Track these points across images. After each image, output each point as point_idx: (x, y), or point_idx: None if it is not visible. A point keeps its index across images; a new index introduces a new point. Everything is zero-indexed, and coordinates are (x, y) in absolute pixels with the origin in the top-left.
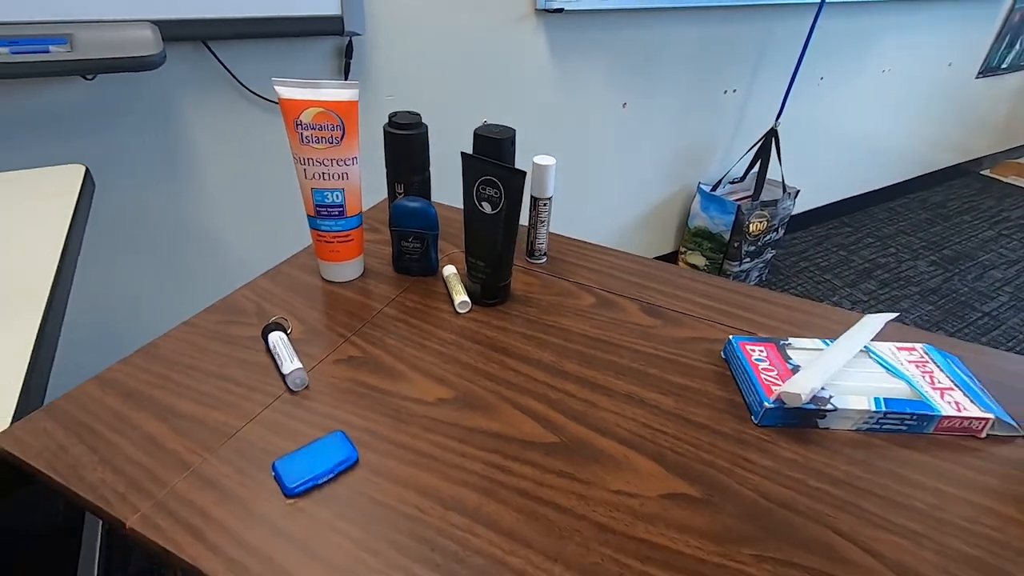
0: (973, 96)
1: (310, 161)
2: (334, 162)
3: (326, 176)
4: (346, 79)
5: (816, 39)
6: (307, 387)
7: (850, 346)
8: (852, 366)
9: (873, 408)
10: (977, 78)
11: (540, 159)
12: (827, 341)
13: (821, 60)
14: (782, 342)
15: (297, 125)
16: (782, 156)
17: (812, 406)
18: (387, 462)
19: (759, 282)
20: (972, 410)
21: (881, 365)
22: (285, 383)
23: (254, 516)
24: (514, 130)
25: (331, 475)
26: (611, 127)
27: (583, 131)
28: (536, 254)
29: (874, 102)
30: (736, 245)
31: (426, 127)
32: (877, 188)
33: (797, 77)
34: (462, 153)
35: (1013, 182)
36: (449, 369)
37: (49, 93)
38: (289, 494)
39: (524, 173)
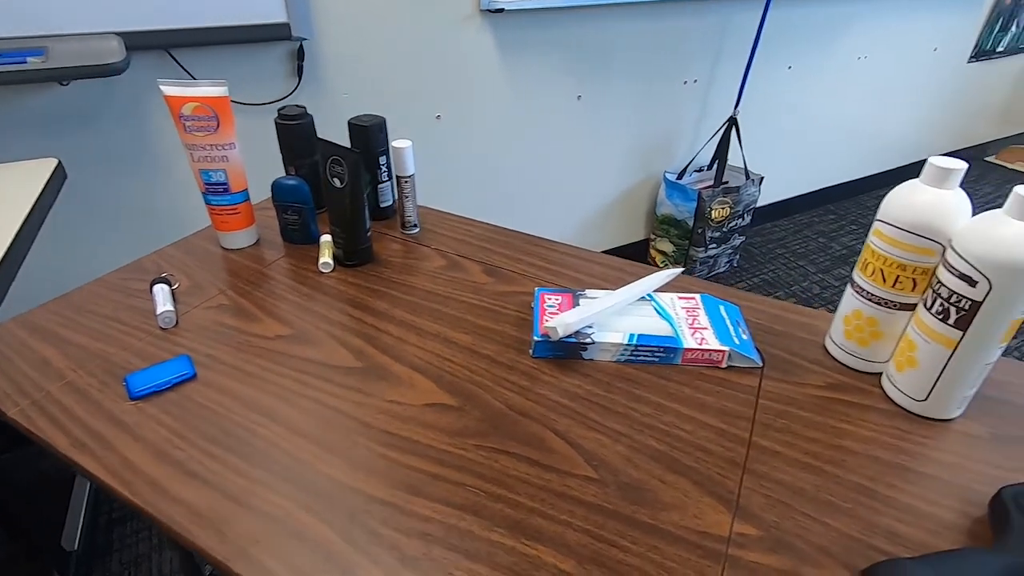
0: (967, 81)
1: (195, 147)
2: (214, 147)
3: (209, 159)
4: (300, 80)
5: (781, 28)
6: (175, 325)
7: (628, 294)
8: (630, 310)
9: (627, 342)
10: (970, 62)
11: (397, 143)
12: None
13: (787, 48)
14: (578, 292)
15: (181, 117)
16: (743, 143)
17: (573, 339)
18: (218, 378)
19: (729, 268)
20: (713, 344)
21: (656, 310)
22: (158, 322)
23: (102, 411)
24: (383, 118)
25: (168, 385)
26: (568, 120)
27: (540, 125)
28: (407, 225)
29: (852, 89)
30: (700, 231)
31: (310, 118)
32: (867, 175)
33: (762, 66)
34: (316, 138)
35: (1019, 168)
36: (296, 314)
37: (30, 98)
38: (132, 397)
39: (358, 153)
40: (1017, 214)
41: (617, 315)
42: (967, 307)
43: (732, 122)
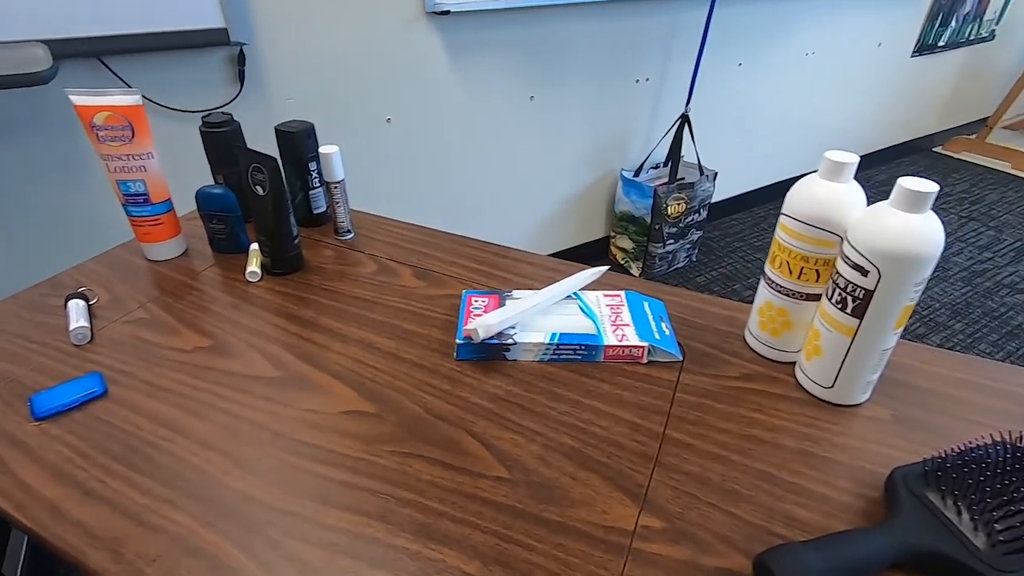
0: (912, 74)
1: (110, 157)
2: (130, 157)
3: (126, 169)
4: (242, 86)
5: (730, 25)
6: (90, 342)
7: (552, 293)
8: (555, 309)
9: (548, 341)
10: (913, 56)
11: (324, 148)
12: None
13: (737, 46)
14: (505, 294)
15: (93, 127)
16: (696, 140)
17: (495, 341)
18: (129, 395)
19: (688, 262)
20: (633, 341)
21: (581, 308)
22: (71, 339)
23: (2, 433)
24: (311, 124)
25: (75, 404)
26: (522, 121)
27: (494, 126)
28: (341, 231)
29: (802, 84)
30: (657, 227)
31: (237, 125)
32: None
33: (713, 63)
34: (233, 145)
35: (964, 158)
36: (218, 325)
37: None
38: (35, 418)
39: (275, 159)
40: (901, 206)
41: (542, 315)
42: (861, 296)
43: (684, 119)
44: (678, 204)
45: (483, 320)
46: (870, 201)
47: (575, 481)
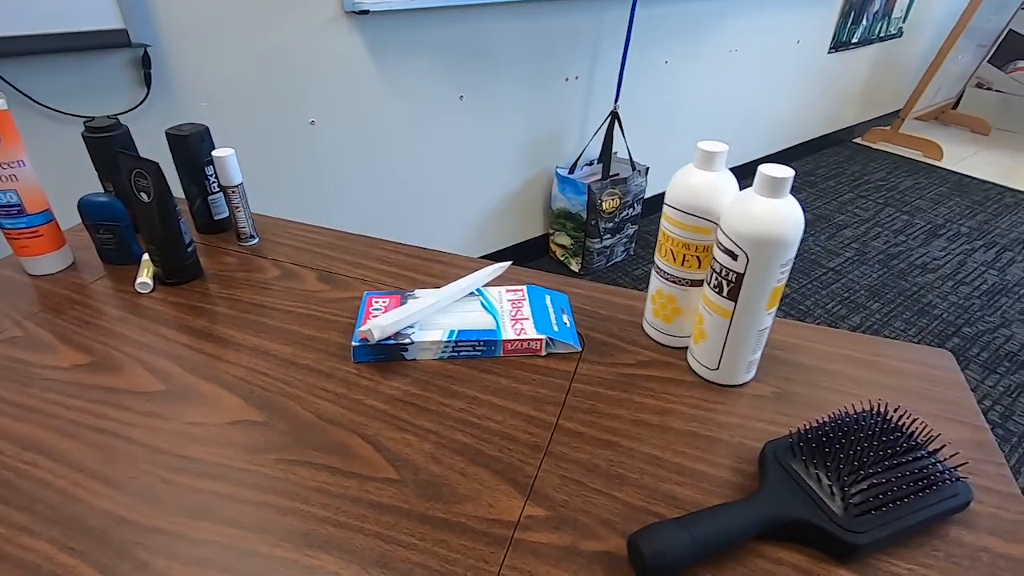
0: (829, 70)
1: None
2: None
3: None
4: (148, 90)
5: (654, 24)
6: None
7: (452, 291)
8: (456, 307)
9: (446, 339)
10: (830, 53)
11: (218, 152)
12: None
13: (662, 44)
14: (407, 293)
15: None
16: (627, 136)
17: (392, 341)
18: None
19: (625, 256)
20: (531, 334)
21: (482, 304)
22: None
23: None
24: (205, 127)
25: None
26: (452, 120)
27: (423, 126)
28: (243, 237)
29: (727, 80)
30: (593, 223)
31: (125, 129)
32: (750, 161)
33: (639, 61)
34: (116, 150)
35: (880, 147)
36: (102, 340)
37: None
38: None
39: (156, 164)
40: (763, 192)
41: (444, 314)
42: (734, 279)
43: (614, 116)
44: (612, 199)
45: (377, 321)
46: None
47: (464, 477)
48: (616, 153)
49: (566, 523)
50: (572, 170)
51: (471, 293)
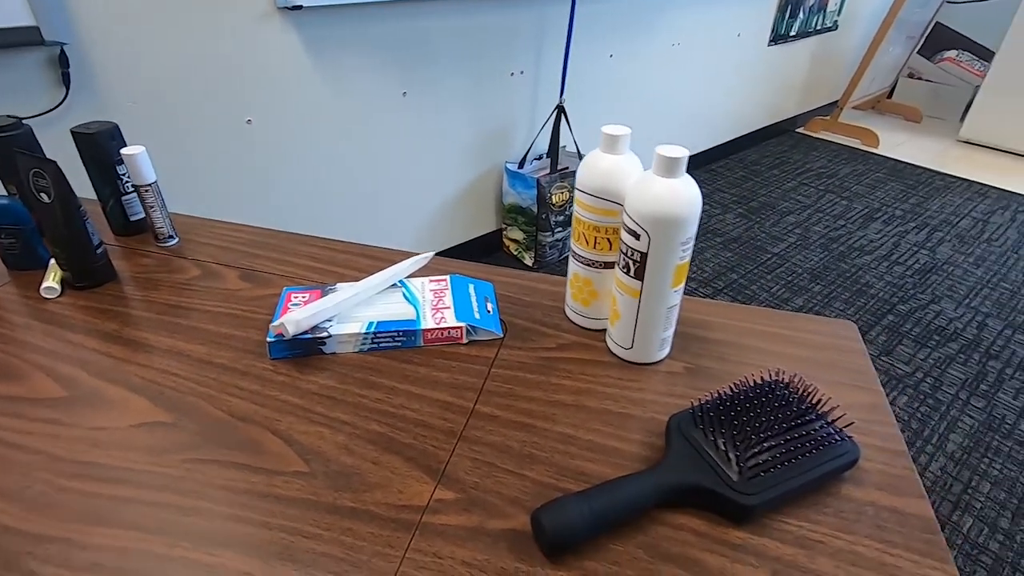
0: (770, 62)
1: None
2: None
3: None
4: (68, 91)
5: (597, 18)
6: None
7: (372, 283)
8: (378, 299)
9: (365, 330)
10: (770, 45)
11: (128, 150)
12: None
13: (606, 37)
14: (328, 287)
15: None
16: (575, 129)
17: (309, 336)
18: None
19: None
20: (451, 322)
21: (404, 295)
22: None
23: None
24: (113, 124)
25: None
26: (396, 117)
27: (366, 124)
28: (161, 237)
29: (672, 73)
30: (544, 217)
31: (27, 129)
32: (698, 152)
33: (584, 54)
34: (14, 149)
35: (822, 136)
36: (0, 348)
37: None
38: None
39: (54, 162)
40: (661, 172)
41: (364, 306)
42: (638, 259)
43: (560, 110)
44: (562, 193)
45: (292, 316)
46: (739, 181)
47: (376, 465)
48: (564, 147)
49: (475, 504)
50: (521, 164)
51: (394, 285)
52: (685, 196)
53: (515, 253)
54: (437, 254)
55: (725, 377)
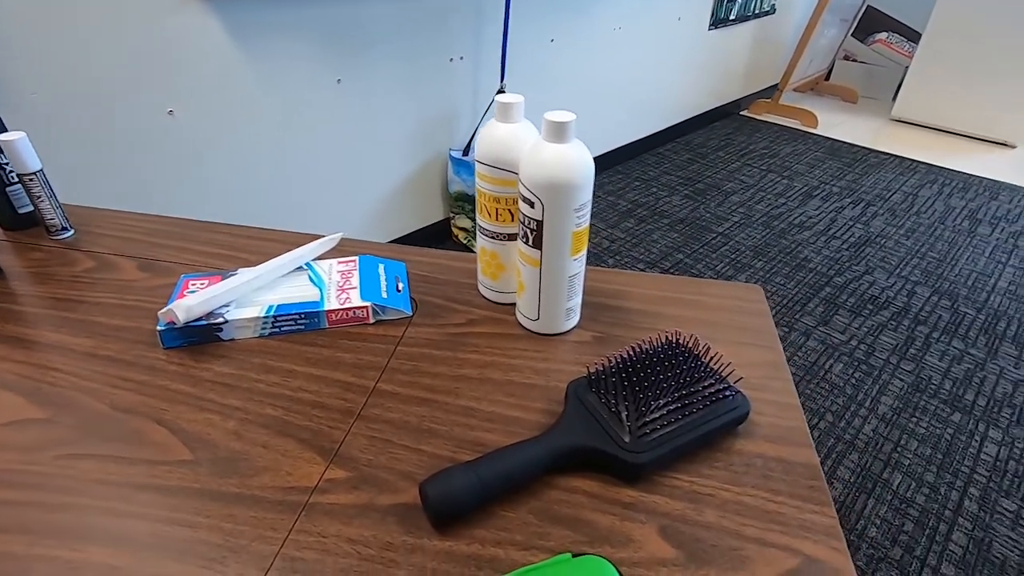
0: (711, 46)
1: None
2: None
3: None
4: None
5: (537, 2)
6: None
7: (273, 266)
8: (282, 282)
9: (265, 314)
10: (711, 29)
11: (6, 136)
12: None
13: (546, 21)
14: (229, 273)
15: None
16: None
17: (204, 322)
18: None
19: None
20: (355, 302)
21: (310, 278)
22: None
23: None
24: None
25: None
26: (331, 106)
27: (298, 113)
28: (53, 230)
29: (615, 58)
30: None
31: None
32: (645, 136)
33: (524, 39)
34: None
35: (764, 119)
36: None
37: None
38: None
39: None
40: (550, 138)
41: (267, 290)
42: (535, 227)
43: (501, 93)
44: None
45: (183, 301)
46: (686, 164)
47: (266, 449)
48: None
49: (366, 481)
50: (466, 152)
51: (300, 268)
52: (576, 161)
53: (464, 241)
54: (391, 241)
55: (631, 344)
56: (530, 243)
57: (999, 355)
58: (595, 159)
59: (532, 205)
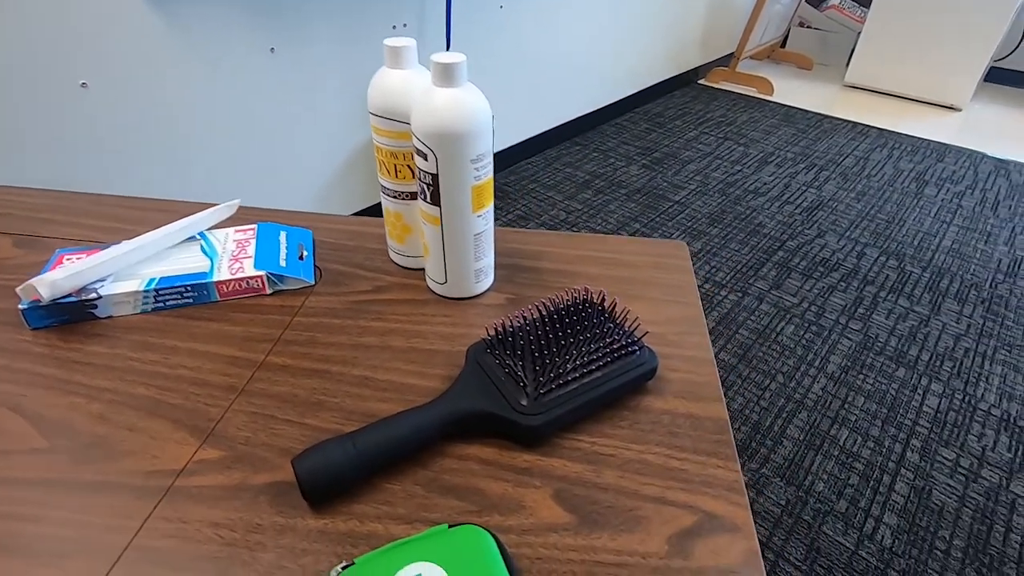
0: (668, 13)
1: None
2: None
3: None
4: None
5: None
6: None
7: (156, 236)
8: (171, 253)
9: (144, 288)
10: None
11: None
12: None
13: None
14: (112, 245)
15: None
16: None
17: (74, 299)
18: None
19: None
20: (248, 272)
21: (202, 248)
22: None
23: None
24: None
25: None
26: (264, 76)
27: (230, 84)
28: None
29: (569, 26)
30: None
31: None
32: (605, 105)
33: (473, 5)
34: None
35: (722, 87)
36: None
37: None
38: None
39: None
40: (439, 82)
41: (154, 262)
42: (431, 182)
43: None
44: None
45: (49, 276)
46: (644, 133)
47: (132, 432)
48: None
49: (241, 460)
50: None
51: (193, 238)
52: (468, 107)
53: None
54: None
55: None
56: (428, 199)
57: (942, 311)
58: (551, 131)
59: (425, 157)
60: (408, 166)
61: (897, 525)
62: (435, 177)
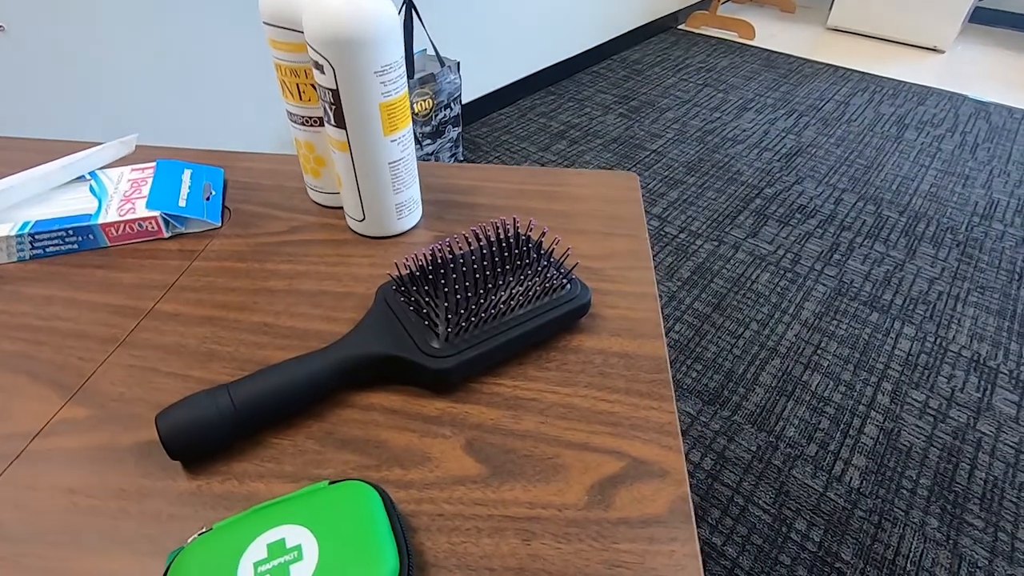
0: None
1: None
2: None
3: None
4: None
5: None
6: None
7: (29, 177)
8: (57, 195)
9: (16, 233)
10: None
11: None
12: None
13: None
14: None
15: None
16: (429, 28)
17: None
18: None
19: (454, 160)
20: (140, 213)
21: (91, 189)
22: None
23: None
24: None
25: None
26: (208, 9)
27: (160, 23)
28: None
29: None
30: None
31: None
32: (579, 53)
33: None
34: None
35: (702, 32)
36: None
37: None
38: None
39: None
40: None
41: (33, 204)
42: (332, 99)
43: (409, 4)
44: (424, 101)
45: None
46: (621, 81)
47: None
48: (425, 50)
49: (111, 419)
50: None
51: (82, 179)
52: (368, 8)
53: None
54: None
55: None
56: (333, 121)
57: (917, 255)
58: (525, 79)
59: (322, 70)
60: (312, 85)
61: (865, 467)
62: (335, 94)
